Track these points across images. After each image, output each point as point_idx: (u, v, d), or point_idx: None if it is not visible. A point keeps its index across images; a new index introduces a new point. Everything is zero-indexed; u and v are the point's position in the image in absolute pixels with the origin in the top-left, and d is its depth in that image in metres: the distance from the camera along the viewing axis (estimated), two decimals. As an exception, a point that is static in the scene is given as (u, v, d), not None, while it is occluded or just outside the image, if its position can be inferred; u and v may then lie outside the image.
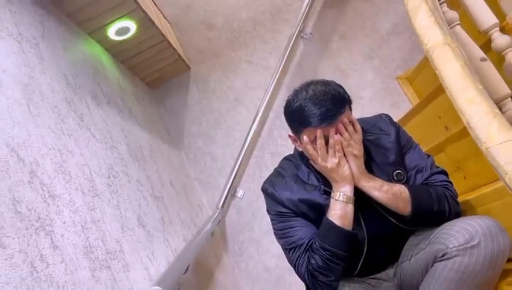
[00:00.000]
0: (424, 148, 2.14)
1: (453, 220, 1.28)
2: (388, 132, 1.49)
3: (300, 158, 1.49)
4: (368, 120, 1.58)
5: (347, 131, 1.30)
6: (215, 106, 3.04)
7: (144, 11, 2.25)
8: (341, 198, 1.31)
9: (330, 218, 1.31)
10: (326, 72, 2.95)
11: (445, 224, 1.28)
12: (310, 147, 1.33)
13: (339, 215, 1.31)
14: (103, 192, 1.45)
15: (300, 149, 1.43)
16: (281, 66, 2.92)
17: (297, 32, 2.97)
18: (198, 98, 3.07)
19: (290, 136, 1.44)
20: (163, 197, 2.06)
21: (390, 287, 1.47)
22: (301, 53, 3.03)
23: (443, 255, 1.20)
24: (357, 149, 1.34)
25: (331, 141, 1.29)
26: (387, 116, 1.58)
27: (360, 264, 1.42)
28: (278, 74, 2.91)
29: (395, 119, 2.67)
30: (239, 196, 2.86)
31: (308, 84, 1.35)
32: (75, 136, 1.46)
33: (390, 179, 1.40)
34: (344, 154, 1.32)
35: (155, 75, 2.96)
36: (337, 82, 1.35)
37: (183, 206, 2.33)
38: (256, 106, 2.89)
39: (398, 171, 1.43)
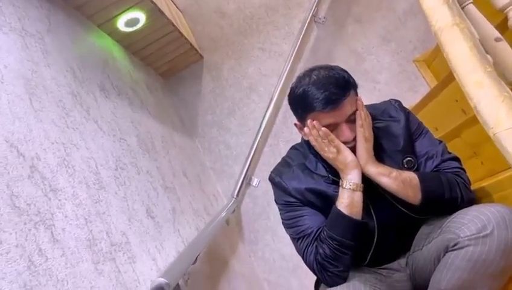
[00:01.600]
0: (441, 133, 2.08)
1: (466, 208, 1.23)
2: (398, 118, 1.45)
3: (307, 147, 1.46)
4: (377, 106, 1.54)
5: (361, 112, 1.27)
6: (229, 94, 3.02)
7: (152, 2, 2.24)
8: (347, 186, 1.28)
9: (338, 207, 1.28)
10: (341, 57, 2.89)
11: (458, 212, 1.23)
12: (312, 139, 1.30)
13: (346, 203, 1.28)
14: (109, 184, 1.46)
15: (305, 138, 1.40)
16: (295, 52, 2.86)
17: (310, 16, 2.90)
18: (212, 87, 3.05)
19: (295, 124, 1.41)
20: (175, 187, 2.07)
21: (402, 277, 1.43)
22: (315, 38, 2.96)
23: (455, 245, 1.16)
24: (368, 132, 1.30)
25: (321, 134, 1.26)
26: (397, 101, 1.52)
27: (370, 254, 1.40)
28: (292, 60, 2.86)
29: (413, 104, 2.63)
30: (254, 184, 2.85)
31: (312, 70, 1.32)
32: (81, 130, 1.47)
33: (400, 167, 1.35)
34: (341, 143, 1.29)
35: (168, 65, 2.96)
36: (353, 66, 1.33)
37: (196, 196, 2.34)
38: (270, 93, 2.86)
39: (408, 158, 1.39)
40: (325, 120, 1.26)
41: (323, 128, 1.26)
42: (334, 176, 1.35)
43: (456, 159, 1.41)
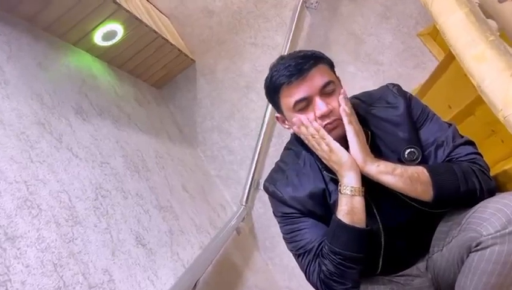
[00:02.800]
0: (455, 111, 1.88)
1: (486, 200, 1.05)
2: (396, 104, 1.27)
3: (298, 143, 1.31)
4: (372, 93, 1.37)
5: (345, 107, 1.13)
6: (226, 96, 2.87)
7: (127, 10, 2.10)
8: (345, 191, 1.11)
9: (338, 215, 1.12)
10: (339, 41, 2.69)
11: (478, 205, 1.05)
12: (303, 137, 1.17)
13: (346, 211, 1.11)
14: (87, 217, 1.33)
15: (290, 131, 1.27)
16: (289, 43, 2.69)
17: (301, 2, 2.72)
18: (208, 91, 2.91)
19: (277, 117, 1.28)
20: (172, 205, 1.93)
21: (423, 283, 1.26)
22: (309, 25, 2.78)
23: (478, 245, 1.00)
24: (358, 126, 1.15)
25: (311, 130, 1.11)
26: (395, 86, 1.34)
27: (380, 260, 1.23)
28: (287, 52, 2.69)
29: (421, 81, 2.42)
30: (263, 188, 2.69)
31: (281, 57, 1.22)
32: (49, 161, 1.34)
33: (400, 159, 1.18)
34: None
35: (159, 74, 2.82)
36: (353, 50, 1.21)
37: (199, 209, 2.20)
38: (268, 90, 2.69)
39: (410, 149, 1.21)
40: (295, 94, 1.13)
41: (314, 123, 1.13)
42: (329, 172, 1.19)
43: (470, 142, 1.22)
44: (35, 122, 1.41)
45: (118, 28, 2.18)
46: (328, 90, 1.13)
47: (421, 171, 1.11)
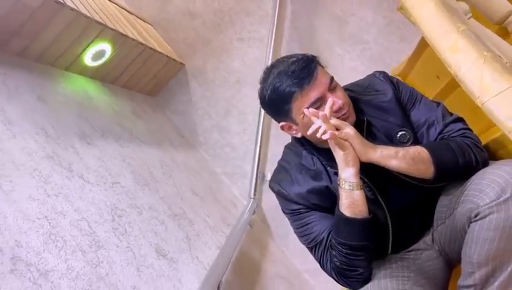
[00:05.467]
0: (444, 82, 1.93)
1: (481, 171, 1.12)
2: (384, 91, 1.33)
3: (299, 144, 1.37)
4: (360, 82, 1.43)
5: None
6: (220, 95, 2.92)
7: (112, 29, 2.14)
8: (344, 186, 1.17)
9: (340, 209, 1.19)
10: (323, 25, 2.73)
11: (473, 177, 1.12)
12: (315, 119, 1.15)
13: (347, 204, 1.18)
14: (108, 240, 1.41)
15: (299, 135, 1.30)
16: (274, 34, 2.74)
17: (280, -8, 2.75)
18: (202, 92, 2.96)
19: (282, 127, 1.32)
20: (185, 211, 2.01)
21: (431, 255, 1.34)
22: (291, 13, 2.81)
23: (476, 215, 1.07)
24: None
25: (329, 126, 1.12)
26: (382, 73, 1.40)
27: (390, 242, 1.31)
28: (273, 43, 2.74)
29: (408, 54, 2.46)
30: (268, 179, 2.76)
31: (270, 68, 1.25)
32: (64, 192, 1.41)
33: (393, 142, 1.25)
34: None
35: (152, 82, 2.87)
36: (337, 33, 1.23)
37: (211, 210, 2.28)
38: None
39: (401, 132, 1.28)
40: (309, 97, 1.16)
41: (321, 113, 1.11)
42: (333, 167, 1.25)
43: (459, 119, 1.29)
44: (44, 157, 1.47)
45: (105, 47, 2.22)
46: (333, 86, 1.19)
47: (420, 150, 1.16)
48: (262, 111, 2.72)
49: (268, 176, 2.77)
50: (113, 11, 2.37)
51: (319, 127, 1.13)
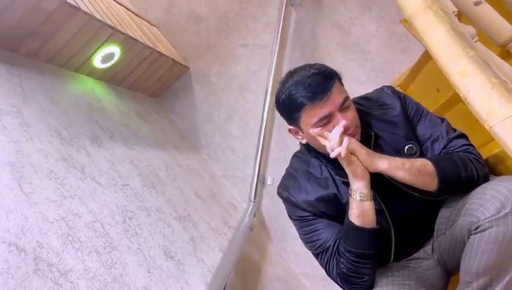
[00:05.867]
0: (444, 96, 2.00)
1: (482, 186, 1.19)
2: (392, 105, 1.40)
3: (307, 151, 1.42)
4: (369, 96, 1.49)
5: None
6: (223, 99, 2.97)
7: (122, 33, 2.19)
8: (356, 196, 1.23)
9: (350, 218, 1.25)
10: (326, 34, 2.79)
11: (474, 192, 1.19)
12: (322, 139, 1.24)
13: (357, 214, 1.24)
14: (120, 241, 1.45)
15: (304, 141, 1.36)
16: (278, 41, 2.79)
17: (286, 0, 2.81)
18: (205, 95, 3.01)
19: (289, 130, 1.38)
20: (190, 214, 2.06)
21: (430, 264, 1.40)
22: (295, 21, 2.87)
23: (477, 228, 1.13)
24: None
25: (334, 144, 1.19)
26: (389, 88, 1.47)
27: (392, 251, 1.37)
28: (277, 50, 2.79)
29: (409, 66, 2.53)
30: (269, 183, 2.83)
31: (292, 73, 1.30)
32: (79, 194, 1.46)
33: (401, 155, 1.31)
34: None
35: (156, 84, 2.91)
36: (340, 41, 1.27)
37: (213, 213, 2.33)
38: (263, 89, 2.80)
39: (409, 145, 1.34)
40: (319, 113, 1.22)
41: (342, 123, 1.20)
42: (341, 176, 1.31)
43: (462, 135, 1.36)
44: (59, 159, 1.51)
45: (115, 50, 2.26)
46: (345, 106, 1.23)
47: (426, 163, 1.23)
48: (265, 116, 2.77)
49: (269, 180, 2.82)
50: (122, 14, 2.41)
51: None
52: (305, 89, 1.21)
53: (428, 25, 1.09)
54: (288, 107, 1.27)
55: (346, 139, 1.18)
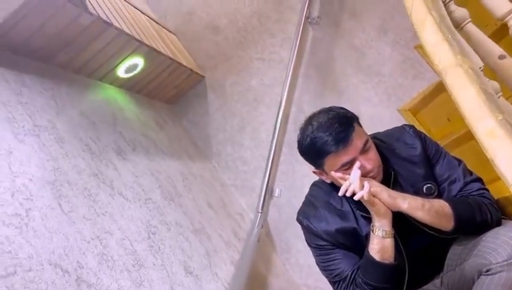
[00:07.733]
0: (455, 125, 2.09)
1: (495, 230, 1.27)
2: (414, 145, 1.48)
3: (332, 189, 1.49)
4: (390, 133, 1.56)
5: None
6: (236, 109, 3.04)
7: (147, 45, 2.24)
8: (378, 233, 1.31)
9: (370, 252, 1.33)
10: (342, 55, 2.86)
11: (488, 234, 1.27)
12: (344, 182, 1.30)
13: (377, 249, 1.32)
14: (146, 258, 1.52)
15: (328, 181, 1.44)
16: (294, 57, 2.85)
17: (304, 18, 2.87)
18: (219, 105, 3.07)
19: (314, 172, 1.45)
20: (204, 226, 2.13)
21: (439, 296, 1.49)
22: (312, 39, 2.93)
23: (488, 270, 1.21)
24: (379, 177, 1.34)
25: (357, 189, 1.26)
26: (411, 127, 1.55)
27: (405, 284, 1.45)
28: (293, 66, 2.85)
29: (420, 91, 2.61)
30: (276, 195, 2.90)
31: (311, 118, 1.36)
32: (110, 211, 1.52)
33: (419, 193, 1.39)
34: None
35: (172, 92, 2.97)
36: (355, 63, 1.33)
37: (224, 224, 2.40)
38: (277, 103, 2.86)
39: (428, 185, 1.43)
40: (341, 160, 1.29)
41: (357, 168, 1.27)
42: (362, 211, 1.39)
43: (478, 179, 1.45)
44: (91, 175, 1.57)
45: (139, 61, 2.32)
46: (366, 148, 1.30)
47: (444, 205, 1.31)
48: (277, 130, 2.84)
49: (276, 192, 2.90)
50: (147, 26, 2.47)
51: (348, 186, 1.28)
52: (327, 137, 1.26)
53: (459, 82, 1.16)
54: (312, 154, 1.34)
55: (366, 184, 1.25)
